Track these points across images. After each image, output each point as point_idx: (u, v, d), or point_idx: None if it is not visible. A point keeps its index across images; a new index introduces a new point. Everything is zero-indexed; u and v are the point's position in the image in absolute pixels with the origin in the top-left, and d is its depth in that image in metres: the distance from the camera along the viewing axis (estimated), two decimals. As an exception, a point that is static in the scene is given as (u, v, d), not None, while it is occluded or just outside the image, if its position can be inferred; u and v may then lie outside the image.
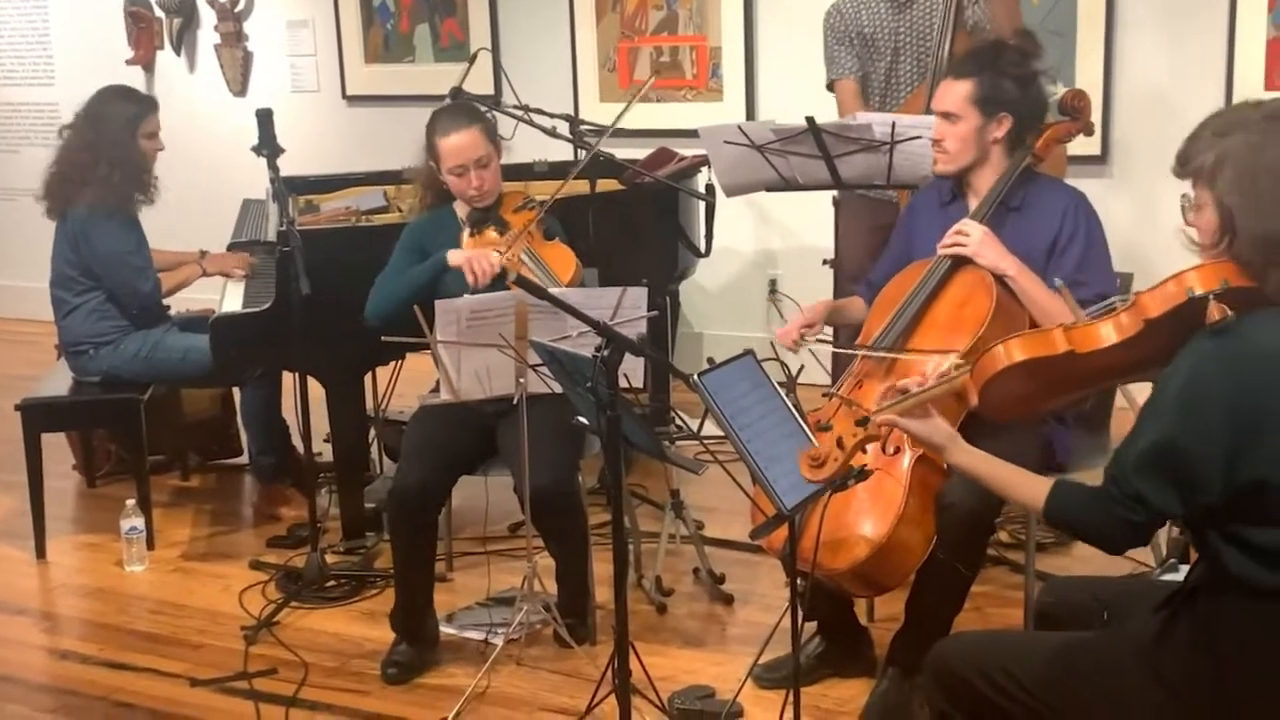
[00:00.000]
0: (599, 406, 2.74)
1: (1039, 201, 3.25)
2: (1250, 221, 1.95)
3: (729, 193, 4.11)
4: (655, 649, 3.50)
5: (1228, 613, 2.00)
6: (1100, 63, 5.13)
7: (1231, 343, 1.93)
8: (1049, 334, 2.14)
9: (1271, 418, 1.90)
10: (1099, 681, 2.09)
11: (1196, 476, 1.94)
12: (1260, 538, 1.95)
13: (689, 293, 5.74)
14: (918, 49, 4.29)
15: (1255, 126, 1.97)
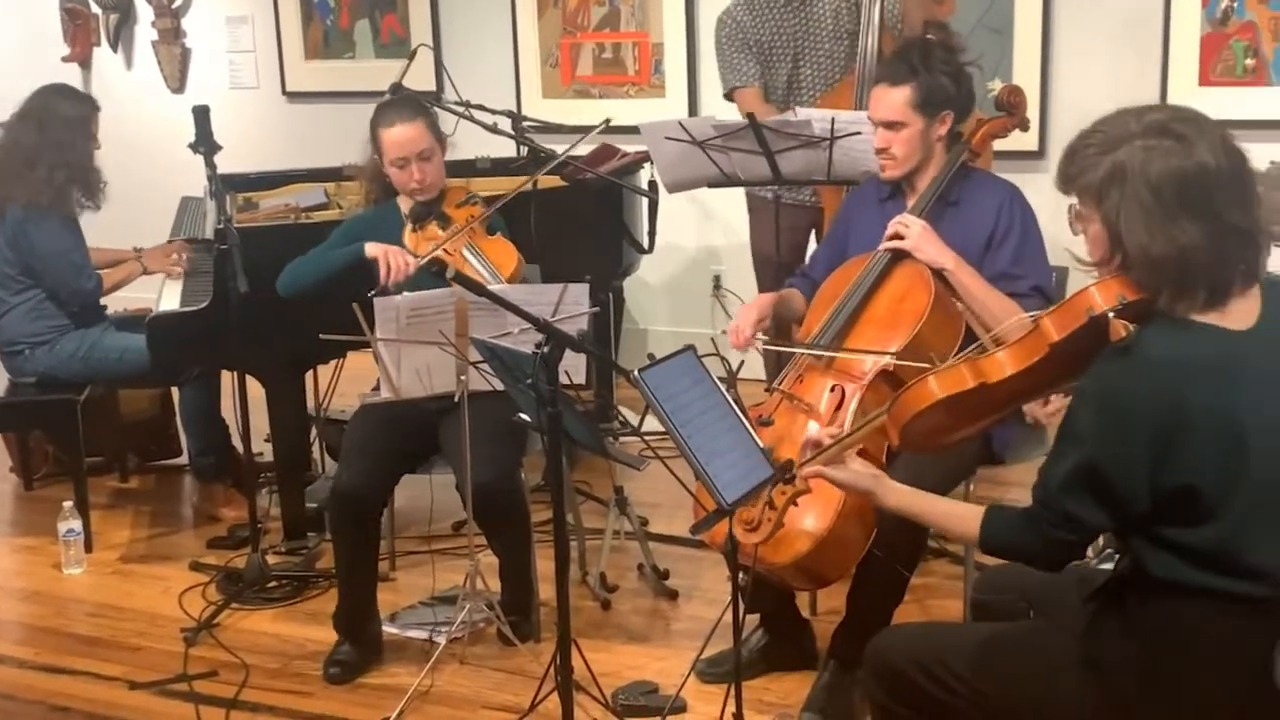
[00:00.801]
0: (540, 403, 2.73)
1: (975, 196, 3.28)
2: (1138, 243, 1.94)
3: (671, 189, 4.12)
4: (599, 645, 3.50)
5: (1154, 611, 2.02)
6: (1037, 59, 5.19)
7: (1136, 358, 1.93)
8: (958, 370, 2.15)
9: (1186, 424, 1.91)
10: (1033, 671, 2.12)
11: (1123, 491, 1.95)
12: (1185, 538, 1.97)
13: (633, 289, 5.74)
14: (818, 52, 4.29)
15: (1139, 141, 1.94)
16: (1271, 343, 1.97)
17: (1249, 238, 1.96)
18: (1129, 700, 2.02)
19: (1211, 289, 1.94)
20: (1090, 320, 1.98)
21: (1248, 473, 1.93)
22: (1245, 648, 1.95)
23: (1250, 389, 1.94)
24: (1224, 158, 1.94)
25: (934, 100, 3.19)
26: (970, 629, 2.42)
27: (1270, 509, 1.96)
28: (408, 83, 4.29)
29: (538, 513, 3.69)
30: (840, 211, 3.58)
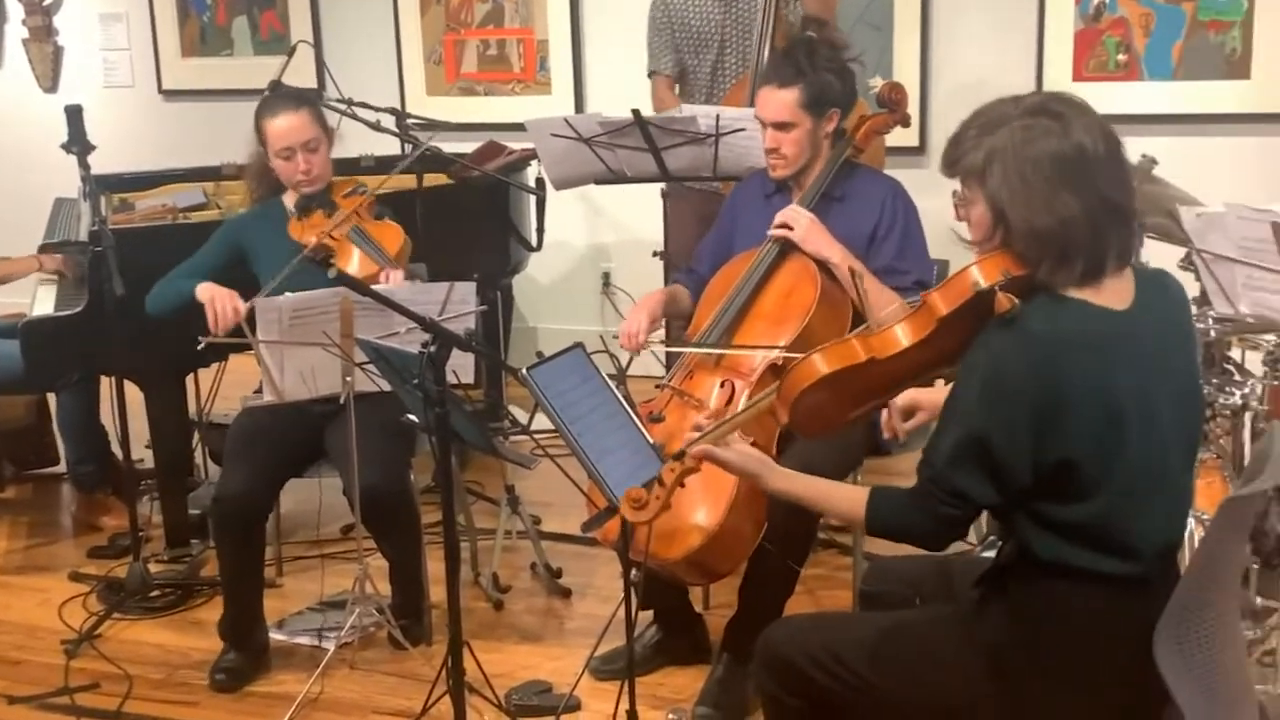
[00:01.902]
0: (428, 403, 2.70)
1: (859, 192, 3.32)
2: (1021, 216, 1.99)
3: (558, 186, 4.10)
4: (492, 646, 3.48)
5: (1037, 594, 2.06)
6: (917, 56, 5.27)
7: (1020, 331, 1.97)
8: (848, 344, 2.16)
9: (1068, 397, 1.95)
10: (921, 659, 2.14)
11: (1008, 464, 1.98)
12: (1065, 514, 2.01)
13: (522, 287, 5.72)
14: (743, 43, 4.33)
15: (1018, 122, 2.00)
16: (1145, 325, 2.03)
17: (1123, 214, 2.02)
18: (1016, 684, 2.06)
19: (1089, 261, 1.99)
20: (976, 294, 2.01)
21: (1124, 449, 1.98)
22: (1125, 627, 2.00)
23: (1126, 368, 1.99)
24: (1100, 139, 2.00)
25: (822, 99, 3.22)
26: (859, 619, 2.45)
27: (1144, 487, 2.02)
28: (288, 80, 4.21)
29: (428, 514, 3.65)
30: (725, 206, 3.60)
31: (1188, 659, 1.97)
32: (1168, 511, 2.09)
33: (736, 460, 2.26)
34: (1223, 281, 3.18)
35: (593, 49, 5.78)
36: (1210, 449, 3.53)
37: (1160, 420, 2.02)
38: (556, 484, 3.20)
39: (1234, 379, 3.52)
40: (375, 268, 3.47)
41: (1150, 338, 2.03)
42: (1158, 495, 2.04)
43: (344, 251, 3.51)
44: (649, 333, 3.29)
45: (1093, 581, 2.02)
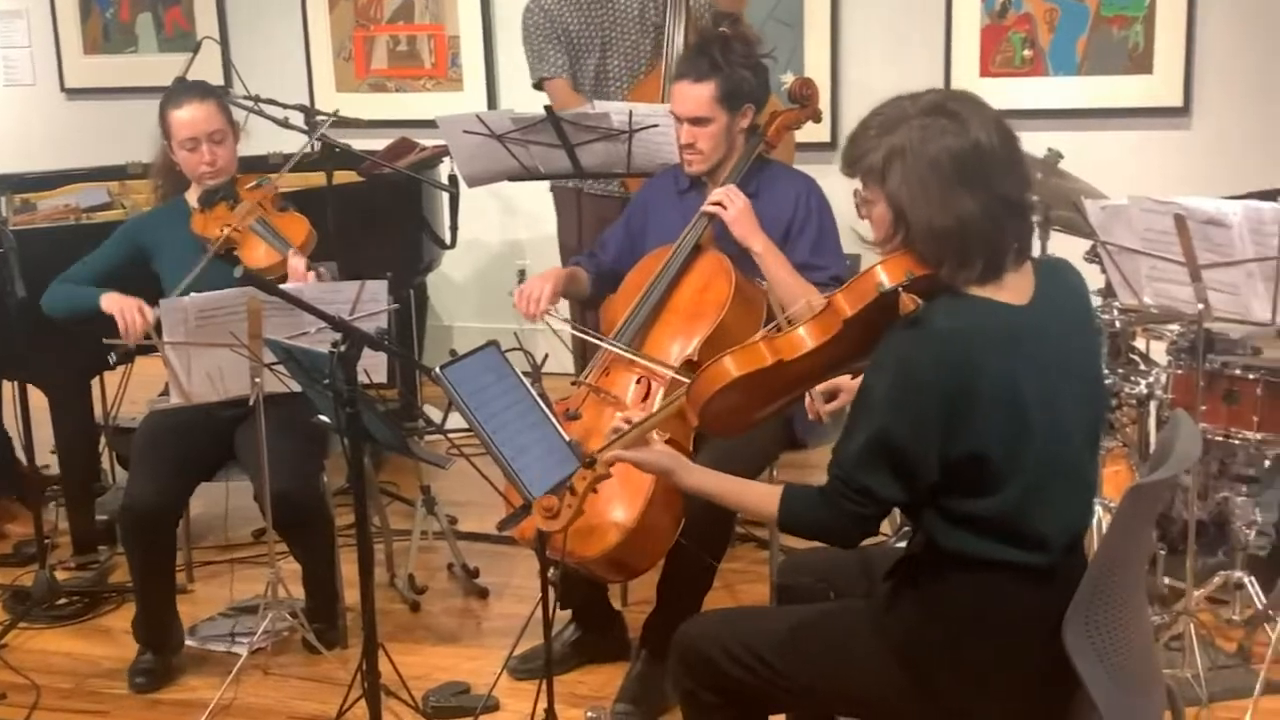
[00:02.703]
0: (339, 404, 2.67)
1: (773, 188, 3.33)
2: (920, 217, 2.00)
3: (471, 183, 4.07)
4: (409, 648, 3.45)
5: (947, 585, 2.08)
6: (827, 51, 5.31)
7: (925, 330, 1.99)
8: (755, 348, 2.17)
9: (973, 393, 1.97)
10: (835, 652, 2.15)
11: (916, 462, 2.00)
12: (973, 509, 2.03)
13: (437, 285, 5.68)
14: (624, 44, 4.30)
15: (916, 122, 2.01)
16: (1047, 318, 2.06)
17: (1022, 211, 2.05)
18: (928, 675, 2.07)
19: (989, 259, 2.01)
20: (880, 295, 2.03)
21: (1030, 442, 2.00)
22: (1035, 615, 2.02)
23: (1029, 361, 2.01)
24: (997, 137, 2.02)
25: (736, 94, 3.23)
26: (774, 612, 2.46)
27: (1050, 478, 2.04)
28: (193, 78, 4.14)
29: (342, 516, 3.61)
30: (637, 200, 3.59)
31: (1097, 645, 2.01)
32: (1074, 501, 2.12)
33: (650, 460, 2.26)
34: (1127, 273, 3.24)
35: (505, 45, 5.75)
36: (1116, 438, 3.60)
37: (1064, 412, 2.05)
38: (473, 483, 3.18)
39: (1139, 369, 3.59)
40: (279, 257, 3.42)
41: (1052, 331, 2.06)
42: (1064, 485, 2.07)
43: (248, 243, 3.45)
44: (550, 302, 3.27)
45: (1000, 571, 2.04)
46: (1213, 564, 3.46)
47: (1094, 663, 2.00)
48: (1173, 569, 3.43)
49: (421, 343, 5.24)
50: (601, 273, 3.45)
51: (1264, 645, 3.09)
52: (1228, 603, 3.41)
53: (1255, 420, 3.14)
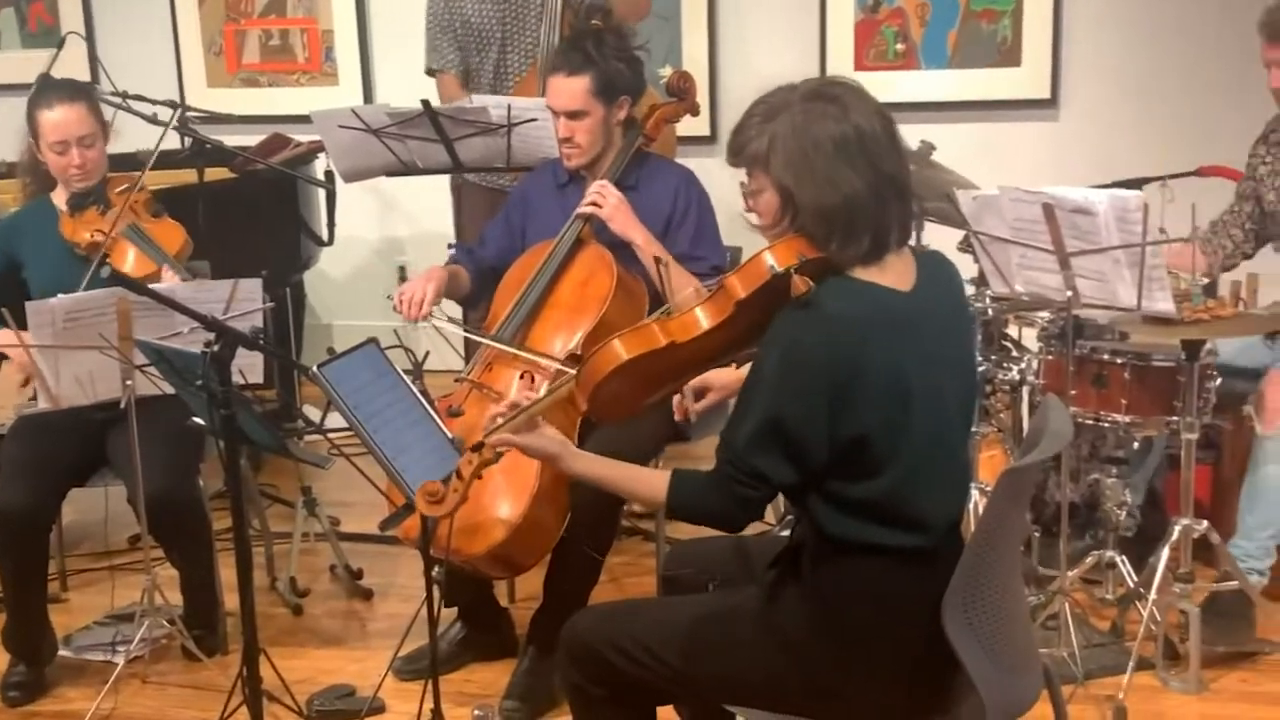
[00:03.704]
0: (213, 405, 2.61)
1: (652, 180, 3.34)
2: (808, 197, 2.04)
3: (347, 178, 4.01)
4: (292, 652, 3.41)
5: (829, 571, 2.11)
6: (705, 45, 5.34)
7: (816, 312, 2.02)
8: (648, 329, 2.17)
9: (860, 375, 2.01)
10: (720, 641, 2.17)
11: (805, 442, 2.02)
12: (857, 492, 2.06)
13: (315, 283, 5.59)
14: (524, 38, 4.29)
15: (798, 107, 2.05)
16: (928, 305, 2.10)
17: (903, 189, 2.09)
18: (812, 660, 2.09)
19: (874, 235, 2.05)
20: (772, 277, 2.05)
21: (911, 425, 2.04)
22: (915, 599, 2.05)
23: (912, 347, 2.05)
24: (876, 120, 2.06)
25: (612, 87, 3.23)
26: (660, 604, 2.47)
27: (930, 461, 2.08)
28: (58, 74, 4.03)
29: (220, 519, 3.54)
30: (515, 194, 3.58)
31: (975, 627, 2.05)
32: (952, 484, 2.16)
33: (537, 444, 2.24)
34: (998, 262, 3.31)
35: (380, 38, 5.69)
36: (992, 423, 3.68)
37: (944, 397, 2.09)
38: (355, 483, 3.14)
39: (1011, 355, 3.67)
40: (153, 267, 3.35)
41: (932, 317, 2.10)
42: (943, 469, 2.11)
43: (119, 250, 3.37)
44: (432, 303, 3.25)
45: (883, 556, 2.07)
46: (1085, 545, 3.55)
47: (973, 644, 2.04)
48: (1047, 550, 3.51)
49: (300, 342, 5.17)
50: (482, 270, 3.42)
51: (1136, 623, 3.18)
52: (1100, 582, 3.50)
53: (1123, 403, 3.23)
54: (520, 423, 2.24)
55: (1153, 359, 3.21)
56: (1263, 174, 3.61)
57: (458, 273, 3.42)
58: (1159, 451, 3.61)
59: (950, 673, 2.05)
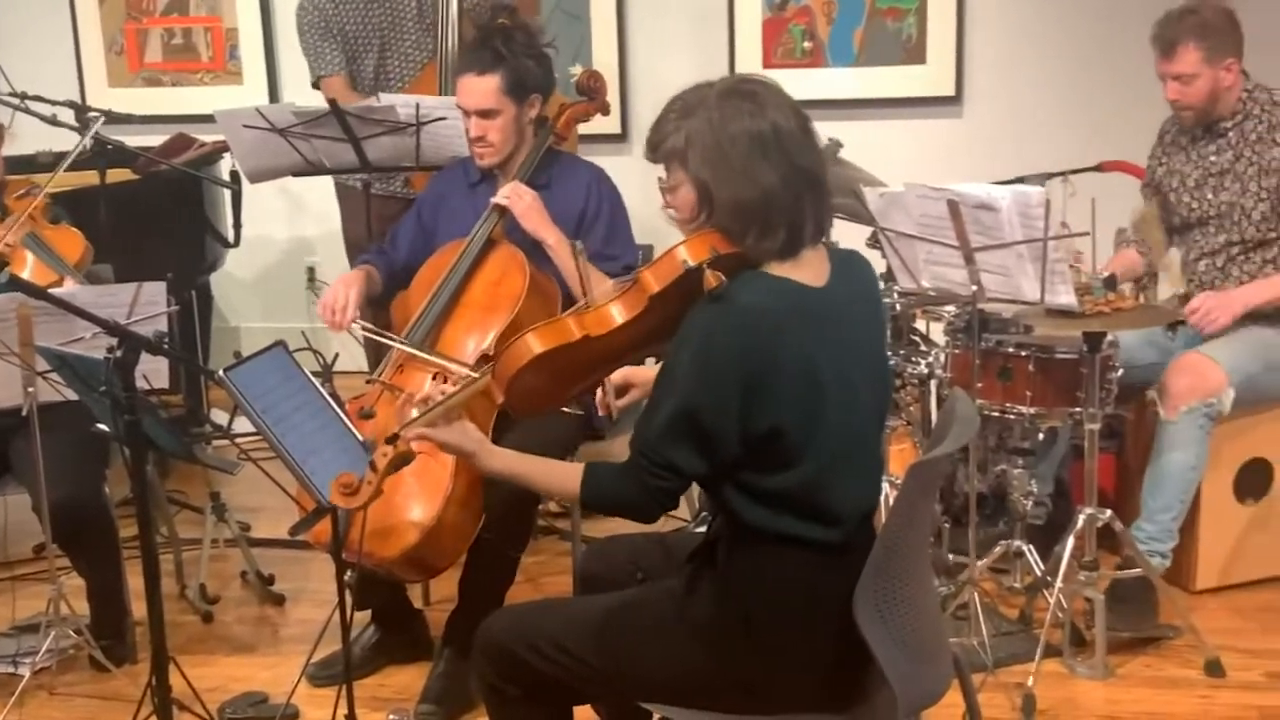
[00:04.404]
0: (117, 411, 2.57)
1: (564, 179, 3.34)
2: (724, 191, 2.07)
3: (253, 179, 3.97)
4: (203, 660, 3.36)
5: (744, 562, 2.12)
6: (614, 44, 5.35)
7: (729, 305, 2.04)
8: (563, 323, 2.18)
9: (773, 368, 2.03)
10: (636, 638, 2.17)
11: (718, 434, 2.04)
12: (771, 483, 2.08)
13: (222, 285, 5.52)
14: (403, 42, 4.25)
15: (715, 104, 2.08)
16: (842, 300, 2.13)
17: (819, 184, 2.12)
18: (727, 653, 2.11)
19: (790, 229, 2.08)
20: (686, 271, 2.06)
21: (824, 418, 2.07)
22: (828, 591, 2.07)
23: (826, 341, 2.08)
24: (792, 117, 2.10)
25: (522, 85, 3.23)
26: (577, 602, 2.46)
27: (843, 454, 2.11)
28: (-50, 75, 3.95)
29: (127, 526, 3.47)
30: (427, 194, 3.55)
31: (886, 619, 2.07)
32: (865, 477, 2.19)
33: (454, 440, 2.23)
34: (905, 258, 3.35)
35: (286, 36, 5.61)
36: (901, 416, 3.73)
37: (857, 391, 2.12)
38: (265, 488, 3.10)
39: (920, 349, 3.72)
40: (54, 276, 3.28)
41: (846, 313, 2.13)
42: (856, 462, 2.14)
43: (18, 260, 3.30)
44: (355, 310, 3.22)
45: (796, 548, 2.09)
46: (994, 534, 3.61)
47: (884, 635, 2.06)
48: (957, 540, 3.56)
49: (207, 345, 5.10)
50: (394, 270, 3.40)
51: (1043, 610, 3.24)
52: (1009, 571, 3.57)
53: (1028, 395, 3.29)
54: (437, 416, 2.22)
55: (1056, 351, 3.27)
56: (1160, 175, 3.70)
57: (371, 273, 3.39)
58: (1064, 442, 3.68)
59: (863, 665, 2.07)
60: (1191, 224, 3.61)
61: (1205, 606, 3.49)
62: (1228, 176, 3.51)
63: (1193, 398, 3.34)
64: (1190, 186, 3.59)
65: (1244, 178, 3.47)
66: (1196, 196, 3.57)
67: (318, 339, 3.07)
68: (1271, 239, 3.46)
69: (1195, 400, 3.34)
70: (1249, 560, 3.60)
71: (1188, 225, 3.62)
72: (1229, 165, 3.51)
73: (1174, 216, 3.66)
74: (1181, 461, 3.35)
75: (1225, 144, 3.52)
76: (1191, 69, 3.43)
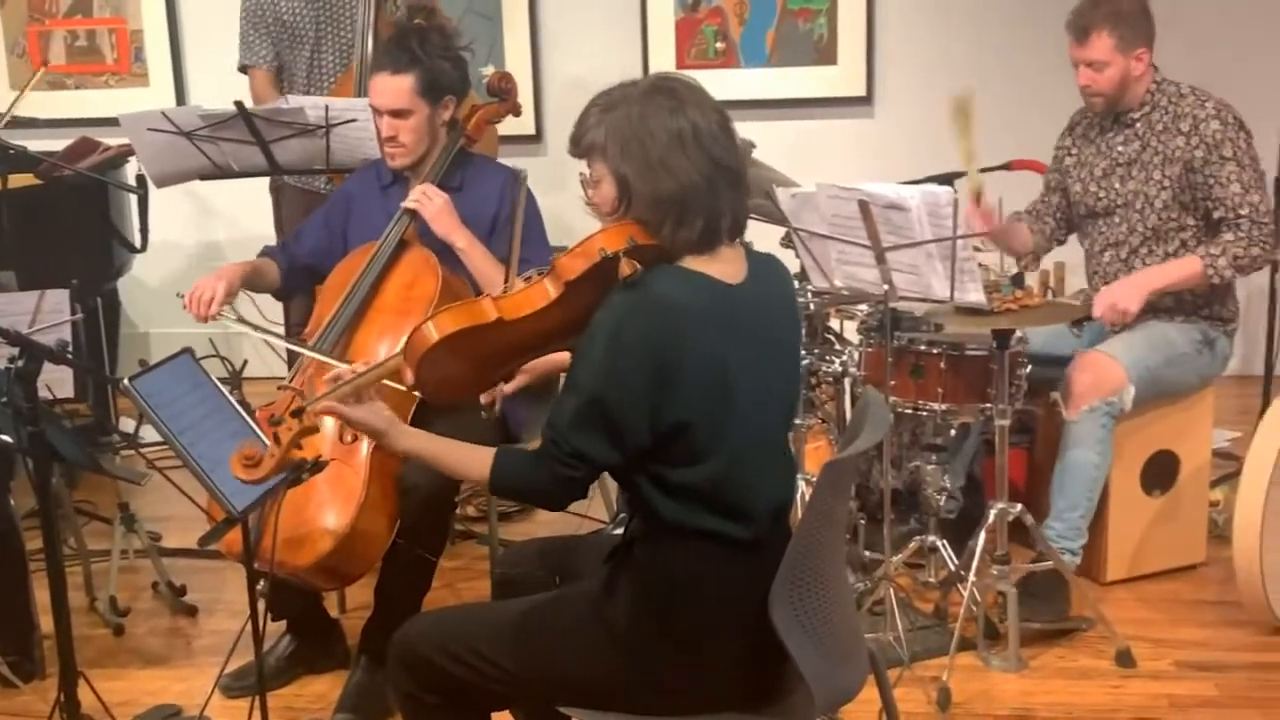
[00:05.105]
0: (20, 422, 2.51)
1: (477, 181, 3.33)
2: (642, 185, 2.09)
3: (159, 183, 3.91)
4: (114, 673, 3.30)
5: (661, 557, 2.13)
6: (527, 45, 5.33)
7: (642, 295, 2.06)
8: (478, 304, 2.17)
9: (684, 362, 2.04)
10: (554, 640, 2.17)
11: (627, 425, 2.05)
12: (682, 477, 2.09)
13: (131, 290, 5.42)
14: (339, 38, 4.23)
15: (636, 99, 2.11)
16: (756, 299, 2.15)
17: (737, 179, 2.14)
18: (643, 653, 2.11)
19: (707, 222, 2.10)
20: (602, 259, 2.07)
21: (734, 415, 2.08)
22: (743, 589, 2.08)
23: (738, 338, 2.09)
24: (712, 115, 2.13)
25: (437, 86, 3.21)
26: (493, 607, 2.45)
27: (752, 452, 2.12)
28: None
29: (34, 539, 3.40)
30: (337, 194, 3.52)
31: (801, 617, 2.08)
32: (776, 474, 2.20)
33: (363, 417, 2.21)
34: (818, 257, 3.37)
35: (192, 39, 5.54)
36: (817, 414, 3.75)
37: (768, 389, 2.14)
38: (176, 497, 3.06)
39: (834, 348, 3.75)
40: None
41: (759, 311, 2.15)
42: (766, 459, 2.16)
43: None
44: (222, 303, 3.17)
45: (710, 544, 2.10)
46: (908, 530, 3.65)
47: (800, 634, 2.07)
48: (872, 537, 3.60)
49: (115, 352, 5.00)
50: (294, 266, 3.36)
51: (958, 604, 3.27)
52: (924, 566, 3.60)
53: (940, 392, 3.32)
54: (346, 393, 2.20)
55: (966, 349, 3.31)
56: (1068, 165, 3.76)
57: (262, 266, 3.33)
58: (976, 437, 3.73)
59: (779, 663, 2.08)
60: (1098, 214, 3.67)
61: (1115, 597, 3.55)
62: (1134, 166, 3.57)
63: (1094, 396, 3.40)
64: (1098, 176, 3.66)
65: (1149, 167, 3.54)
66: (1104, 186, 3.64)
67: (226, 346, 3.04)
68: (1173, 230, 3.53)
69: (1096, 399, 3.40)
70: (1157, 551, 3.67)
71: (1094, 215, 3.69)
72: (1136, 155, 3.57)
73: (1080, 206, 3.72)
74: (1085, 460, 3.41)
75: (1133, 134, 3.59)
76: (1103, 56, 3.49)
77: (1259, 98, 4.21)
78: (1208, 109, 3.48)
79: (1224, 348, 3.62)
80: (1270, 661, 3.23)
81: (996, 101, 5.19)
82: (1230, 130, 3.45)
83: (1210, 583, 3.64)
